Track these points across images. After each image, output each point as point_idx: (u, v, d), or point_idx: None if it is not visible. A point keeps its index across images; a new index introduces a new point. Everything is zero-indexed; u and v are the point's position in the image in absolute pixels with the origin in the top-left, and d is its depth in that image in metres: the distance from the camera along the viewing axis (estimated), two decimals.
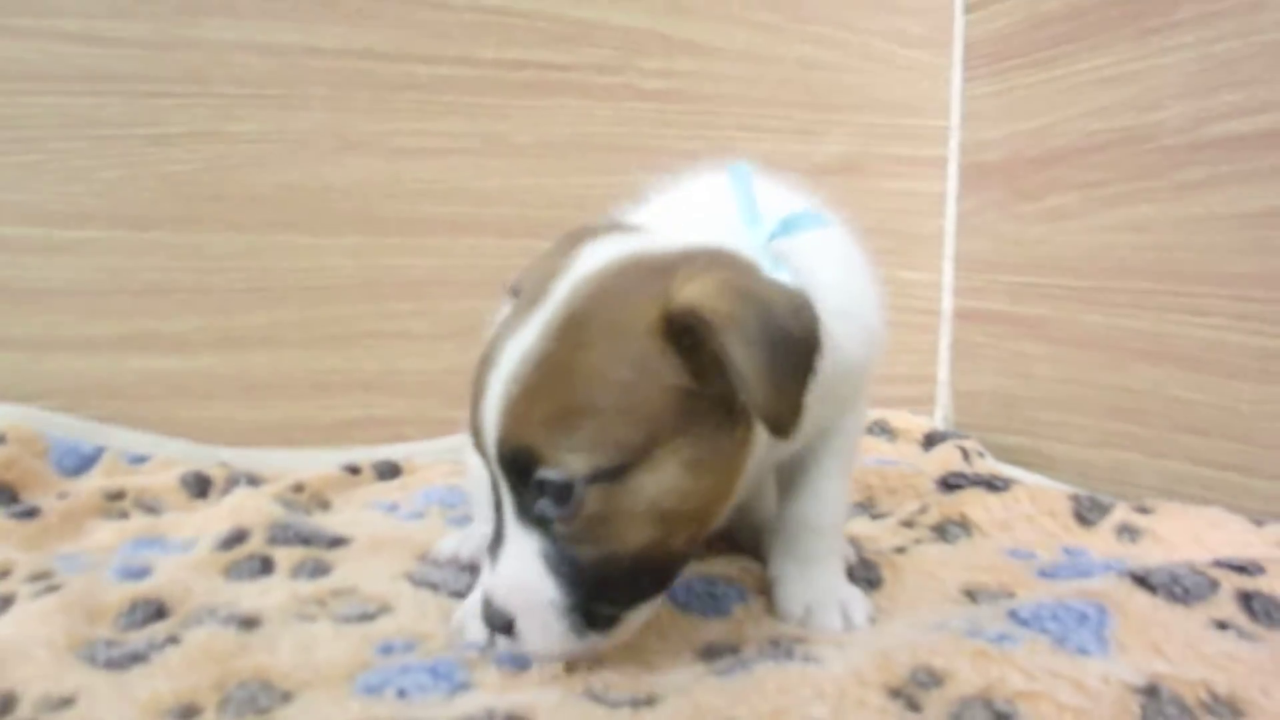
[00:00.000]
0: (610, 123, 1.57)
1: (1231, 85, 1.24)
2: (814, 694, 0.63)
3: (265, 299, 1.45)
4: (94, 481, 1.26)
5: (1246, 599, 0.78)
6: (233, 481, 1.26)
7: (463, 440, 1.40)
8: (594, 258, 0.70)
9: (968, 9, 1.71)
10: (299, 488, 1.23)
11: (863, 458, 1.41)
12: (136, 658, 0.72)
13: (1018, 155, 1.60)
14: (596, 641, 0.69)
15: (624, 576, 0.68)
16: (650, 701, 0.65)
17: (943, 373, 1.77)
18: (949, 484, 1.24)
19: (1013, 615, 0.74)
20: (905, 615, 0.86)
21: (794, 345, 0.64)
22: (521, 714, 0.62)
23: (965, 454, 1.47)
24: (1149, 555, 1.03)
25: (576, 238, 0.76)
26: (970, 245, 1.71)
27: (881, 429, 1.61)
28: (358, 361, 1.50)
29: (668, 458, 0.65)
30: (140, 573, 0.94)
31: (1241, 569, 0.82)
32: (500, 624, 0.68)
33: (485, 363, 0.69)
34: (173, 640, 0.75)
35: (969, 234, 1.71)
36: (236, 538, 1.00)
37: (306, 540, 1.01)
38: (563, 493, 0.65)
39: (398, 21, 1.47)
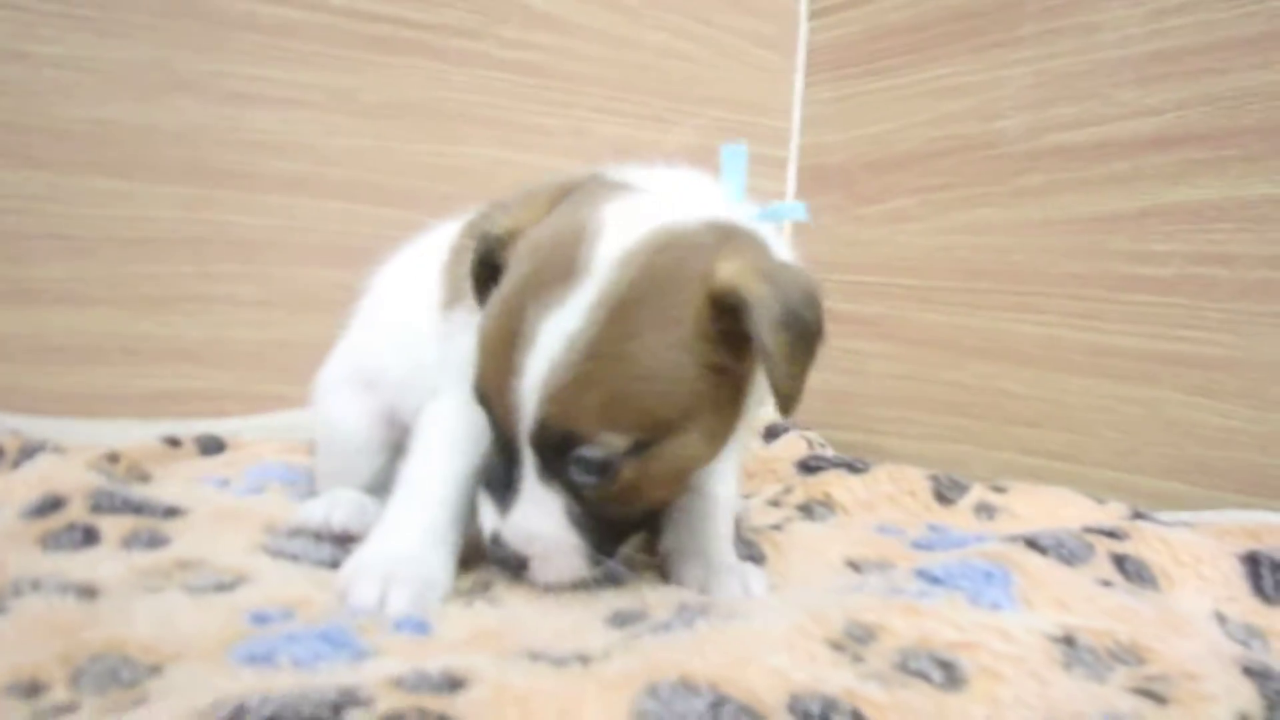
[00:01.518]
0: (465, 90, 1.50)
1: (1068, 98, 1.34)
2: (768, 645, 0.61)
3: (67, 249, 1.27)
4: None
5: (1119, 561, 0.84)
6: (28, 452, 1.08)
7: (303, 415, 1.29)
8: (625, 229, 0.70)
9: (811, 15, 1.76)
10: (113, 457, 1.07)
11: None
12: None
13: (857, 159, 1.66)
14: (609, 566, 0.76)
15: (631, 522, 0.78)
16: (594, 658, 0.60)
17: None
18: (809, 466, 1.25)
19: (922, 575, 0.75)
20: (800, 585, 0.87)
21: (808, 331, 0.70)
22: (461, 675, 0.56)
23: (810, 445, 1.50)
24: (1007, 531, 1.08)
25: (590, 195, 0.75)
26: (808, 247, 1.75)
27: None
28: (176, 327, 1.34)
29: (693, 429, 0.71)
30: None
31: (1110, 534, 0.88)
32: (513, 565, 0.74)
33: (514, 337, 0.68)
34: (2, 613, 0.63)
35: (807, 235, 1.76)
36: (51, 504, 0.86)
37: (137, 509, 0.89)
38: (599, 466, 0.70)
39: None
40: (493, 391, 0.71)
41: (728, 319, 0.69)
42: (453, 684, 0.55)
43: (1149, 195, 1.26)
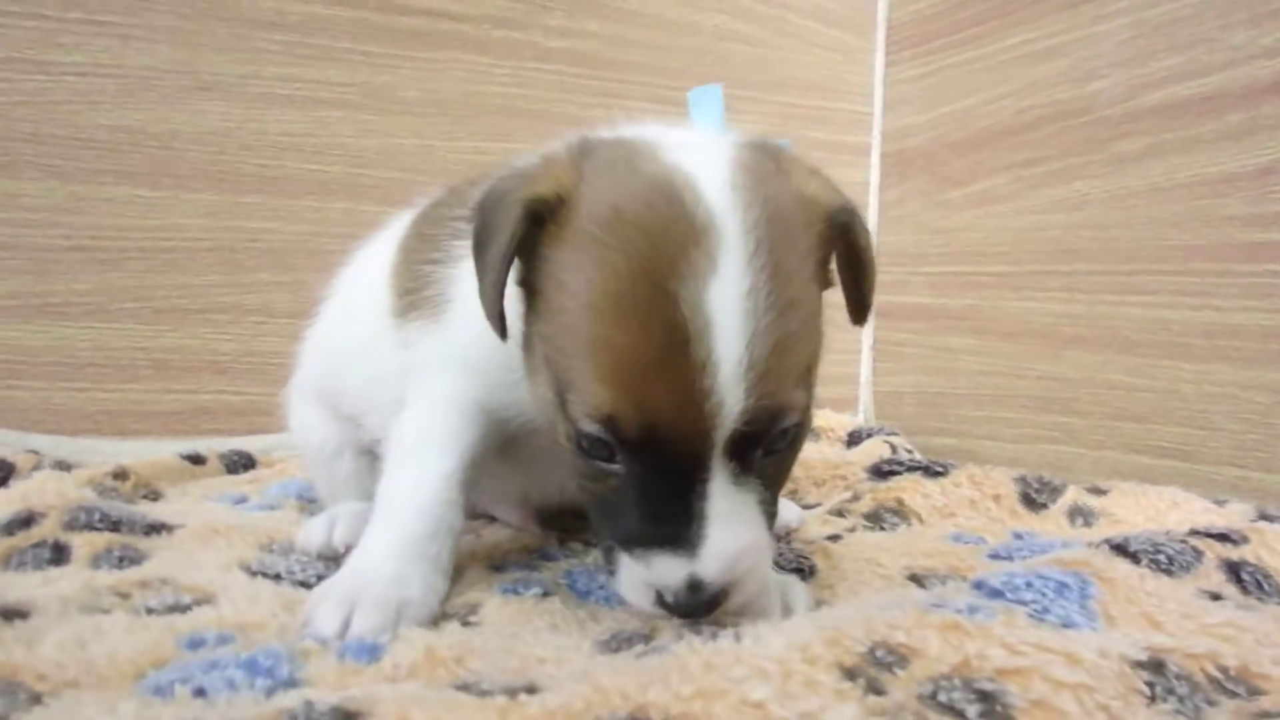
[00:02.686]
0: (507, 83, 1.42)
1: (1169, 49, 1.17)
2: (751, 673, 0.50)
3: (93, 261, 1.24)
4: None
5: (1234, 569, 0.71)
6: (40, 469, 1.05)
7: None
8: (711, 172, 0.61)
9: None
10: (121, 474, 1.04)
11: None
12: None
13: (942, 140, 1.52)
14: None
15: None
16: (531, 689, 0.52)
17: (864, 372, 1.65)
18: (882, 471, 1.12)
19: (979, 587, 0.63)
20: (849, 601, 0.75)
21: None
22: (354, 709, 0.48)
23: (893, 450, 1.35)
24: (1098, 538, 0.93)
25: (631, 148, 0.65)
26: (893, 238, 1.62)
27: None
28: (207, 340, 1.29)
29: (816, 366, 0.65)
30: None
31: (1223, 537, 0.74)
32: (713, 603, 0.61)
33: (677, 327, 0.56)
34: None
35: (891, 226, 1.62)
36: (23, 521, 0.82)
37: (115, 525, 0.84)
38: (790, 433, 0.62)
39: None
40: (664, 409, 0.58)
41: (832, 242, 0.65)
42: (340, 718, 0.46)
43: (1270, 150, 1.08)
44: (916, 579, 0.81)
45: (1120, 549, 0.69)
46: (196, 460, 1.17)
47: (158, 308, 1.27)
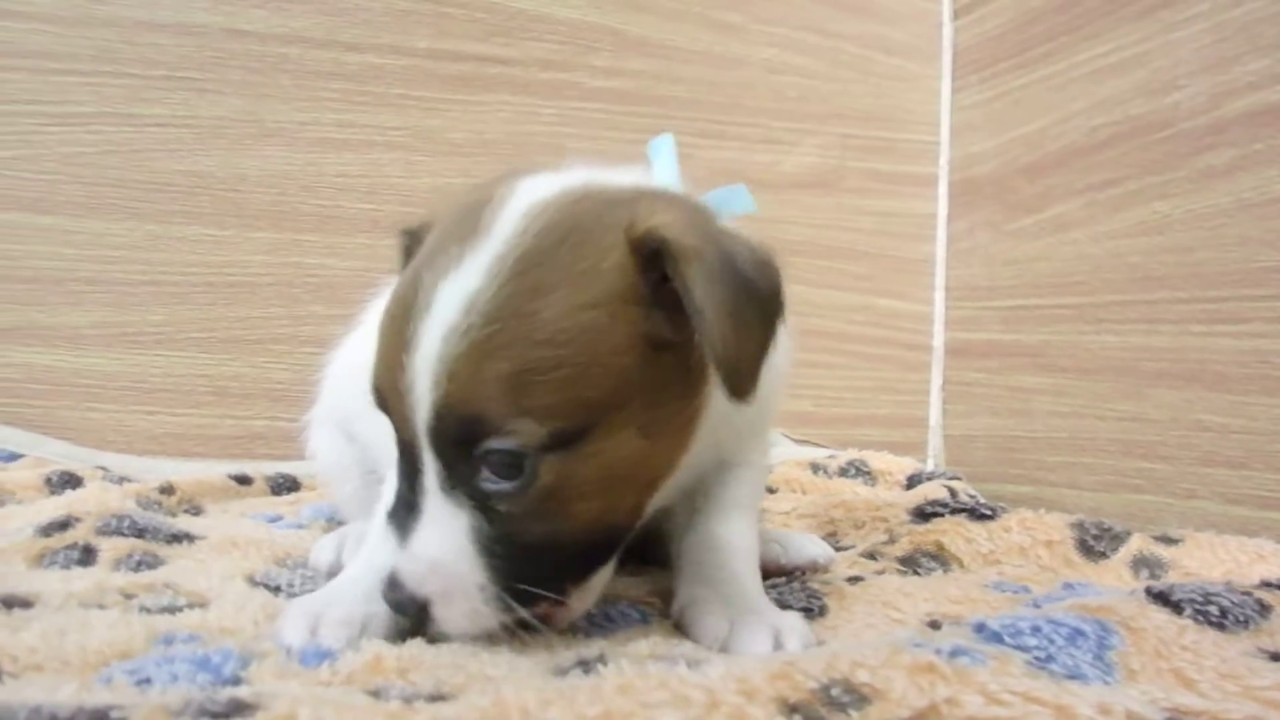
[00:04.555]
0: (553, 122, 1.38)
1: (1255, 52, 1.01)
2: (670, 698, 0.45)
3: (165, 295, 1.27)
4: None
5: None
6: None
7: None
8: (536, 189, 0.60)
9: (956, 14, 1.50)
10: (167, 490, 1.04)
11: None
12: None
13: (1011, 166, 1.37)
14: (523, 613, 0.59)
15: (562, 555, 0.59)
16: (441, 697, 0.49)
17: (934, 415, 1.52)
18: (924, 513, 1.01)
19: (979, 630, 0.56)
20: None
21: (756, 294, 0.57)
22: (250, 702, 0.45)
23: (953, 494, 1.24)
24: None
25: (501, 178, 0.64)
26: (962, 271, 1.49)
27: (859, 469, 1.35)
28: (265, 369, 1.31)
29: (626, 420, 0.58)
30: None
31: None
32: (411, 610, 0.57)
33: (408, 308, 0.56)
34: None
35: (960, 258, 1.49)
36: (60, 525, 0.84)
37: (141, 532, 0.85)
38: (512, 464, 0.56)
39: (325, 6, 1.32)
40: (386, 382, 0.58)
41: (655, 274, 0.56)
42: (233, 710, 0.44)
43: None
44: (936, 626, 0.71)
45: (1161, 597, 0.59)
46: (244, 481, 1.17)
47: (221, 338, 1.29)
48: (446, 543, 0.57)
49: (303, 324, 1.33)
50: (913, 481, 1.31)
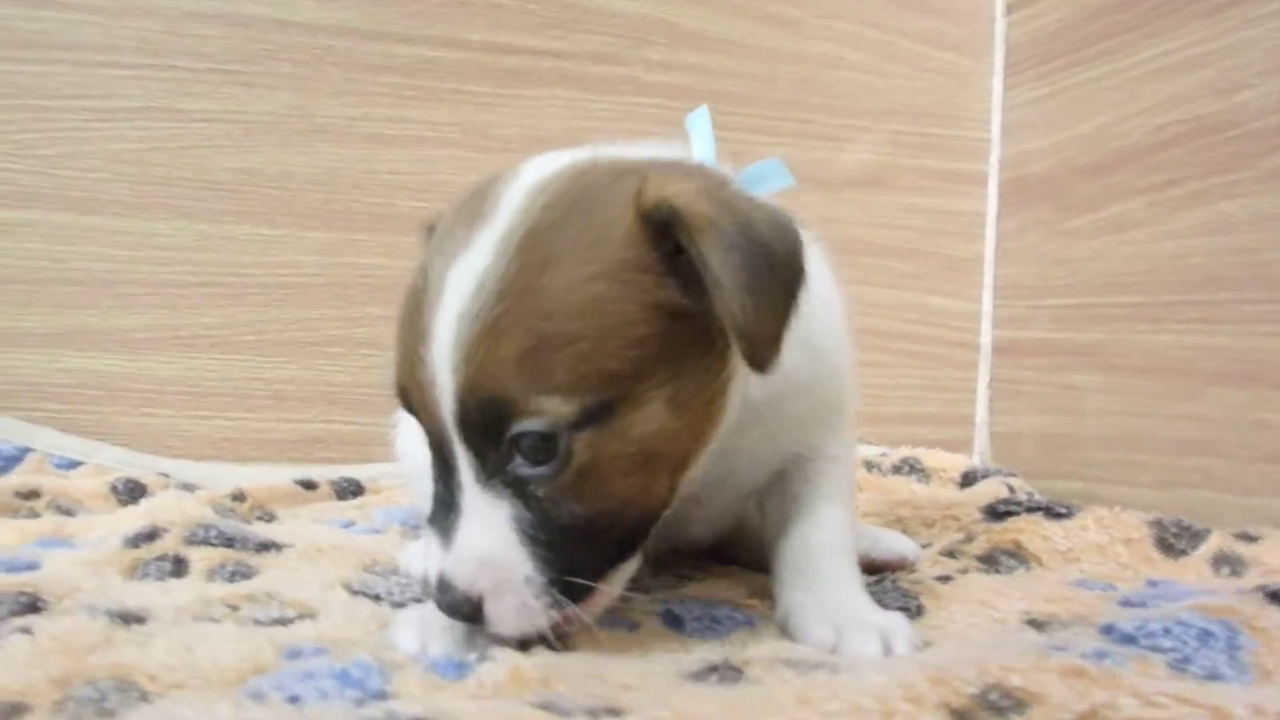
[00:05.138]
0: (607, 118, 1.42)
1: None
2: (847, 708, 0.48)
3: (218, 296, 1.31)
4: (7, 480, 1.12)
5: None
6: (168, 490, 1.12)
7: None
8: (543, 167, 0.62)
9: (1009, 9, 1.55)
10: (239, 496, 1.08)
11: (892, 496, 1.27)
12: None
13: (1067, 165, 1.43)
14: (576, 614, 0.60)
15: (604, 537, 0.60)
16: (614, 712, 0.51)
17: (980, 413, 1.57)
18: (997, 511, 1.05)
19: (1108, 632, 0.59)
20: (958, 643, 0.70)
21: (775, 262, 0.57)
22: (432, 718, 0.48)
23: (1012, 491, 1.29)
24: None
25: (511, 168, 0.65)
26: (1012, 270, 1.54)
27: (912, 467, 1.41)
28: (321, 371, 1.34)
29: (654, 392, 0.58)
30: (26, 567, 0.81)
31: None
32: (466, 610, 0.58)
33: (420, 298, 0.58)
34: (24, 631, 0.60)
35: (1010, 257, 1.55)
36: (148, 535, 0.86)
37: (230, 542, 0.87)
38: (545, 446, 0.56)
39: None
40: (407, 377, 0.59)
41: (668, 243, 0.57)
42: None
43: None
44: (1035, 624, 0.74)
45: (1276, 597, 0.63)
46: (309, 486, 1.21)
47: (275, 340, 1.32)
48: (490, 536, 0.58)
49: (358, 325, 1.36)
50: (967, 479, 1.36)
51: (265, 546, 0.89)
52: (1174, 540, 0.95)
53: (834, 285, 0.78)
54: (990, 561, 0.96)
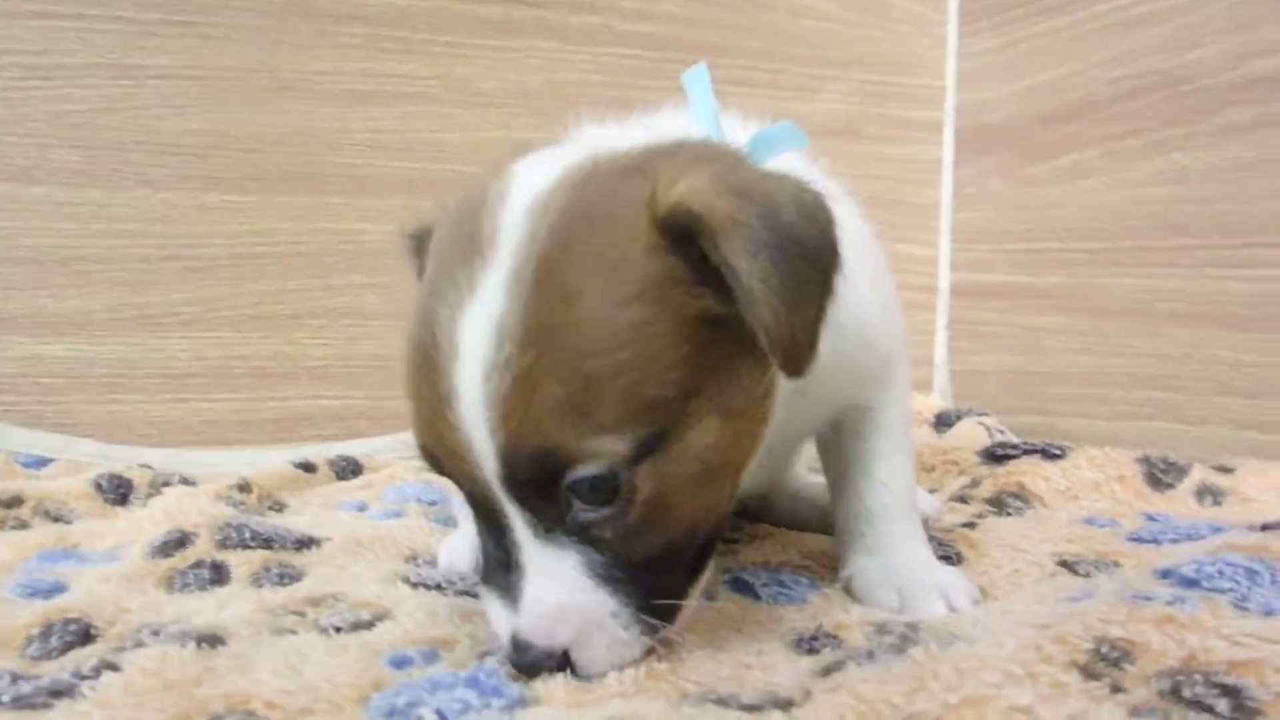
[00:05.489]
0: (586, 69, 1.41)
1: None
2: (1003, 678, 0.51)
3: (187, 271, 1.24)
4: None
5: None
6: (160, 485, 1.06)
7: None
8: (534, 179, 0.56)
9: None
10: (244, 487, 1.04)
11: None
12: (59, 693, 0.55)
13: (1025, 113, 1.51)
14: (668, 634, 0.58)
15: (680, 557, 0.59)
16: (795, 702, 0.52)
17: (939, 353, 1.66)
18: (995, 455, 1.12)
19: (1169, 575, 0.63)
20: (1011, 593, 0.75)
21: (807, 252, 0.54)
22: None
23: (989, 432, 1.36)
24: (1237, 518, 0.93)
25: (495, 161, 0.62)
26: (970, 215, 1.62)
27: None
28: (303, 345, 1.29)
29: (705, 406, 0.55)
30: (52, 589, 0.76)
31: None
32: (550, 664, 0.56)
33: (431, 355, 0.53)
34: (110, 667, 0.57)
35: (968, 203, 1.62)
36: (177, 542, 0.83)
37: (268, 542, 0.85)
38: (604, 488, 0.53)
39: None
40: (434, 443, 0.56)
41: (692, 249, 0.53)
42: None
43: None
44: (1067, 565, 0.79)
45: None
46: (309, 469, 1.17)
47: (252, 314, 1.27)
48: (562, 586, 0.55)
49: (339, 295, 1.32)
50: (941, 420, 1.43)
51: (303, 544, 0.87)
52: (1161, 475, 1.04)
53: (870, 240, 0.77)
54: (999, 505, 1.02)
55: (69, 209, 1.21)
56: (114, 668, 0.57)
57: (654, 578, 0.57)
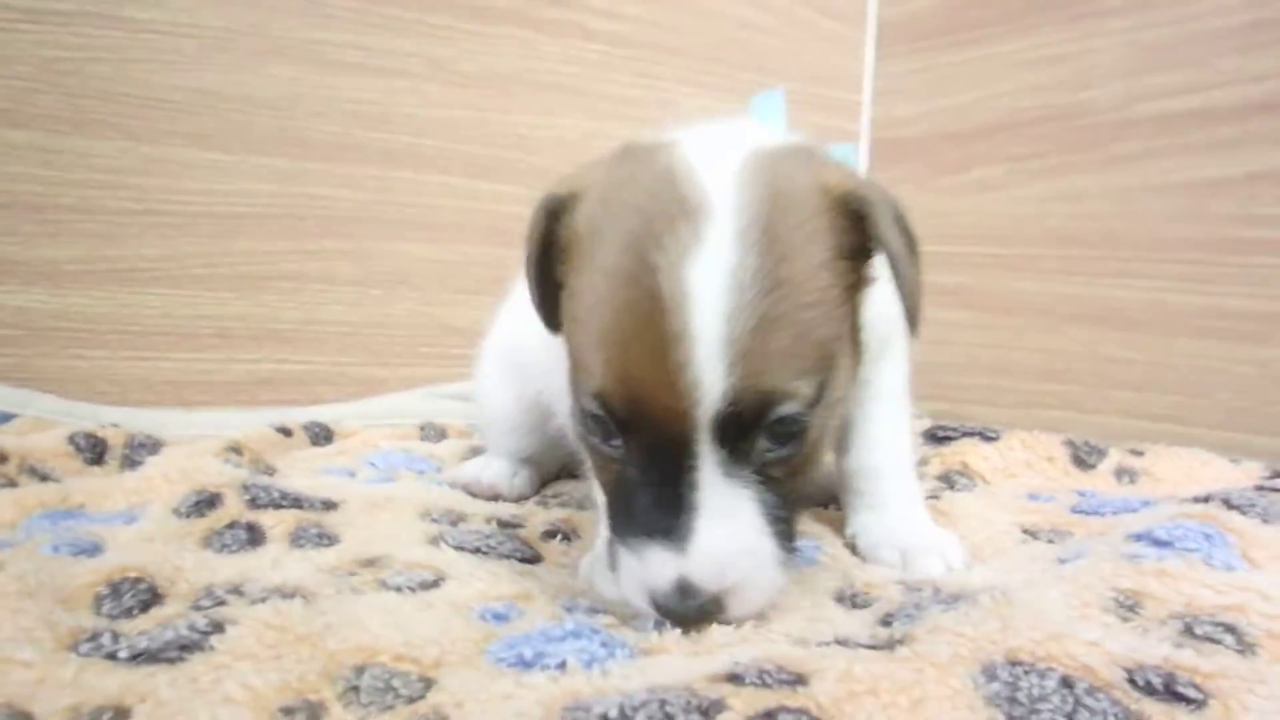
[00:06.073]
0: (555, 60, 1.40)
1: (1163, 68, 1.29)
2: (1065, 619, 0.56)
3: (163, 225, 1.16)
4: None
5: None
6: (135, 446, 0.98)
7: (404, 399, 1.21)
8: (716, 158, 0.61)
9: None
10: (237, 449, 0.98)
11: None
12: (186, 646, 0.51)
13: (936, 131, 1.60)
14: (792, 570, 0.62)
15: (807, 498, 0.67)
16: (900, 641, 0.55)
17: None
18: (938, 436, 1.18)
19: (1144, 538, 0.69)
20: (996, 556, 0.79)
21: (910, 230, 0.64)
22: (797, 669, 0.50)
23: (916, 418, 1.43)
24: (1151, 495, 1.03)
25: (647, 146, 0.64)
26: None
27: None
28: (271, 307, 1.23)
29: (843, 362, 0.62)
30: (91, 549, 0.70)
31: None
32: (710, 607, 0.56)
33: (654, 298, 0.54)
34: (227, 622, 0.54)
35: None
36: (208, 502, 0.78)
37: (297, 501, 0.81)
38: (790, 430, 0.57)
39: None
40: (651, 383, 0.55)
41: (851, 230, 0.61)
42: (795, 680, 0.48)
43: (1258, 160, 1.21)
44: (1029, 533, 0.86)
45: (1228, 503, 0.75)
46: (286, 433, 1.11)
47: (224, 274, 1.20)
48: (740, 527, 0.57)
49: (312, 259, 1.26)
50: None
51: (327, 505, 0.83)
52: (1085, 456, 1.12)
53: None
54: (948, 481, 1.07)
55: (50, 155, 1.11)
56: (233, 622, 0.54)
57: (794, 520, 0.61)
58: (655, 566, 0.56)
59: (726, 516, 0.56)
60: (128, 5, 1.12)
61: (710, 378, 0.54)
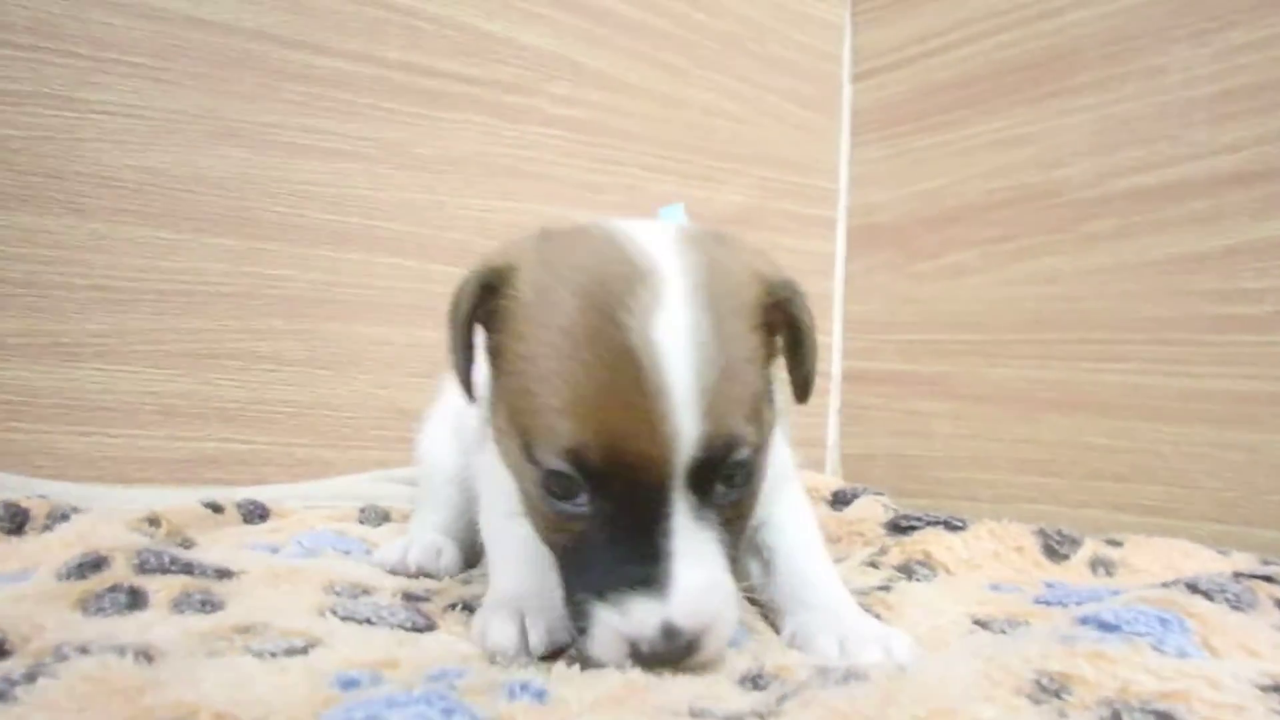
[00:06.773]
0: (515, 145, 1.42)
1: (1134, 143, 1.27)
2: (964, 696, 0.51)
3: (108, 301, 1.16)
4: None
5: None
6: (57, 516, 0.96)
7: (349, 482, 1.19)
8: (653, 236, 0.65)
9: (854, 78, 1.71)
10: (154, 520, 0.95)
11: None
12: None
13: (910, 216, 1.59)
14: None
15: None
16: (766, 714, 0.52)
17: (831, 436, 1.69)
18: (900, 526, 1.13)
19: (1091, 621, 0.64)
20: (939, 647, 0.74)
21: (814, 322, 0.70)
22: None
23: (884, 509, 1.37)
24: (1126, 587, 0.97)
25: (579, 226, 0.69)
26: (860, 307, 1.67)
27: None
28: (217, 386, 1.22)
29: (766, 416, 0.66)
30: None
31: (1267, 579, 0.75)
32: (687, 653, 0.59)
33: (627, 354, 0.58)
34: (44, 674, 0.51)
35: (858, 295, 1.68)
36: (92, 564, 0.75)
37: (187, 569, 0.78)
38: (740, 471, 0.62)
39: (296, 4, 1.27)
40: (625, 434, 0.58)
41: (770, 309, 0.66)
42: None
43: (1235, 232, 1.17)
44: (981, 624, 0.79)
45: (1194, 588, 0.70)
46: (216, 509, 1.08)
47: (170, 351, 1.19)
48: (710, 568, 0.60)
49: (260, 339, 1.25)
50: (838, 497, 1.43)
51: (223, 573, 0.80)
52: (1057, 546, 1.06)
53: None
54: (907, 571, 1.01)
55: None
56: (50, 675, 0.51)
57: (738, 561, 0.66)
58: (638, 616, 0.58)
59: (698, 559, 0.59)
60: (81, 88, 1.15)
61: (688, 426, 0.58)
